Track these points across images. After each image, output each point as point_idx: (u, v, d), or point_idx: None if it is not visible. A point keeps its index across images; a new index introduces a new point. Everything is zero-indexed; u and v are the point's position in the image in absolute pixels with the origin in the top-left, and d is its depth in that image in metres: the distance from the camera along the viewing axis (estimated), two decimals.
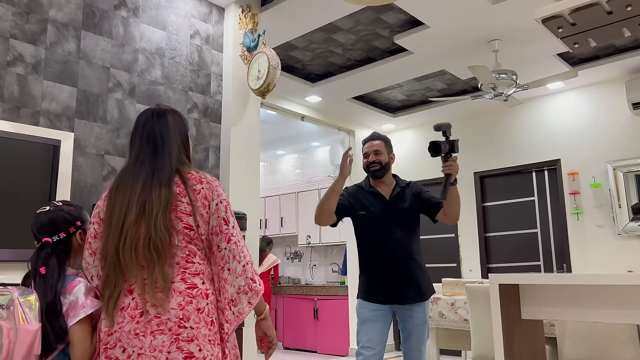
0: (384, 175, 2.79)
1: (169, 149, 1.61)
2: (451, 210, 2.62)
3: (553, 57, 4.94)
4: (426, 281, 2.71)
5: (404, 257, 2.65)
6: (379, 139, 2.83)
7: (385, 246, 2.66)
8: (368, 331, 2.60)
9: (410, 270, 2.65)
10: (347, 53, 5.04)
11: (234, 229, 1.55)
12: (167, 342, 1.41)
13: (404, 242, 2.67)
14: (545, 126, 5.91)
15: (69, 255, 1.70)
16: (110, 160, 3.25)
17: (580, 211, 5.51)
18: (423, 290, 2.67)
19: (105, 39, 3.33)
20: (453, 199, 2.59)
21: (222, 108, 3.93)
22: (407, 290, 2.63)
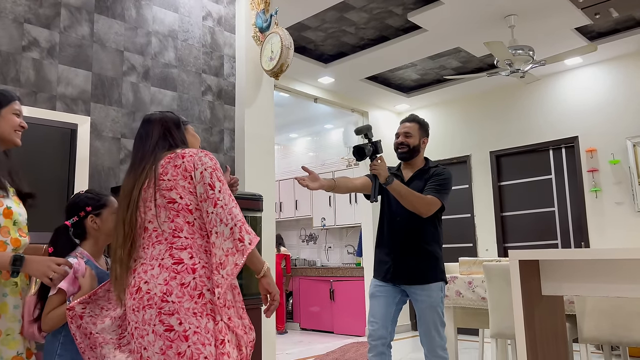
0: (412, 159, 2.78)
1: (151, 141, 1.73)
2: (407, 206, 2.58)
3: (571, 31, 4.83)
4: (431, 265, 2.66)
5: (404, 238, 2.66)
6: (414, 121, 2.80)
7: (391, 226, 2.72)
8: (372, 306, 2.70)
9: (411, 252, 2.65)
10: (360, 32, 4.98)
11: (221, 193, 1.59)
12: (154, 316, 1.50)
13: (410, 224, 2.66)
14: (562, 103, 5.81)
15: (85, 238, 1.86)
16: (126, 143, 3.27)
17: (599, 189, 5.43)
18: (424, 273, 2.64)
19: (118, 22, 3.32)
20: (400, 196, 2.56)
21: (235, 90, 3.92)
22: (403, 271, 2.65)
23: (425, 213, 2.60)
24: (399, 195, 2.56)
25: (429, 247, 2.67)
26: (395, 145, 2.80)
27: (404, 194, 2.56)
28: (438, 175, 2.71)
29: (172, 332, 1.48)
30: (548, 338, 2.47)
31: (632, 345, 3.11)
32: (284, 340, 6.30)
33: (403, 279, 2.66)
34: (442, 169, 2.76)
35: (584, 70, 5.68)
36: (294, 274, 7.33)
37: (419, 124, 2.79)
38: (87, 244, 1.86)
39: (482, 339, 4.35)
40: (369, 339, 2.67)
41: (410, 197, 2.56)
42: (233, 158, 3.82)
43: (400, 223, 2.68)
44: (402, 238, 2.67)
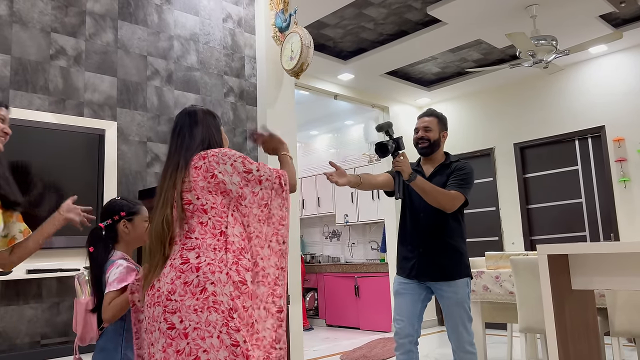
0: (432, 153, 2.75)
1: (192, 140, 1.76)
2: (431, 202, 2.55)
3: (595, 19, 4.73)
4: (456, 260, 2.63)
5: (428, 235, 2.63)
6: (433, 115, 2.78)
7: (414, 222, 2.69)
8: (398, 304, 2.68)
9: (435, 248, 2.62)
10: (379, 28, 4.96)
11: (259, 171, 1.68)
12: (160, 313, 1.56)
13: (432, 220, 2.63)
14: (587, 92, 5.70)
15: (117, 241, 1.97)
16: (152, 147, 3.33)
17: (628, 178, 5.32)
18: (449, 270, 2.61)
19: (141, 28, 3.38)
20: (424, 192, 2.53)
21: (257, 91, 3.95)
22: (427, 268, 2.62)
23: (450, 209, 2.57)
24: (423, 191, 2.53)
25: (454, 242, 2.64)
26: (415, 141, 2.78)
27: (427, 190, 2.53)
28: (460, 170, 2.68)
29: (173, 330, 1.52)
30: (579, 332, 2.44)
31: None
32: (310, 336, 6.34)
33: (428, 276, 2.63)
34: (464, 164, 2.72)
35: (609, 58, 5.56)
36: (318, 270, 7.36)
37: (437, 117, 2.77)
38: (119, 246, 1.96)
39: (511, 333, 4.31)
40: (396, 337, 2.65)
41: (434, 193, 2.53)
42: (256, 158, 3.85)
43: (423, 219, 2.66)
44: (426, 234, 2.64)
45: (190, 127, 1.78)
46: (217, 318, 1.51)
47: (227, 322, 1.50)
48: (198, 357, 1.49)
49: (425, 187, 2.53)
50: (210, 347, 1.49)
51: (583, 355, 2.45)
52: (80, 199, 2.87)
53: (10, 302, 2.68)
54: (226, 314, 1.51)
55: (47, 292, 2.80)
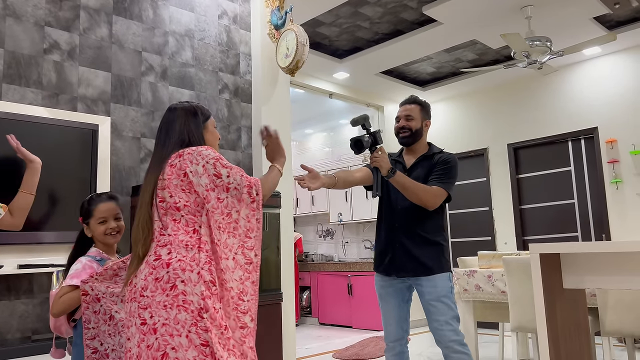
0: (414, 143, 2.61)
1: (169, 138, 1.76)
2: (412, 198, 2.42)
3: (589, 20, 4.76)
4: (435, 255, 2.48)
5: (406, 228, 2.50)
6: (415, 102, 2.61)
7: (391, 216, 2.56)
8: (383, 310, 2.58)
9: (413, 243, 2.48)
10: (375, 27, 4.96)
11: (229, 178, 1.65)
12: (135, 309, 1.57)
13: (410, 214, 2.50)
14: (581, 93, 5.74)
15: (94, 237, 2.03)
16: (146, 142, 3.31)
17: (620, 180, 5.36)
18: (428, 264, 2.46)
19: (135, 23, 3.36)
20: (404, 188, 2.40)
21: (252, 88, 3.94)
22: (404, 262, 2.48)
23: (432, 206, 2.45)
24: (403, 187, 2.40)
25: (432, 237, 2.51)
26: (396, 130, 2.63)
27: (407, 187, 2.39)
28: (444, 163, 2.53)
29: (145, 326, 1.53)
30: (570, 331, 2.46)
31: None
32: (303, 335, 6.34)
33: (405, 271, 2.49)
34: (448, 156, 2.57)
35: (603, 59, 5.59)
36: (312, 269, 7.36)
37: (420, 105, 2.61)
38: (97, 244, 2.03)
39: (502, 332, 4.33)
40: (386, 340, 2.59)
41: (415, 189, 2.40)
42: (251, 155, 3.85)
43: (400, 213, 2.52)
44: (404, 229, 2.51)
45: (168, 125, 1.78)
46: (186, 317, 1.50)
47: (196, 322, 1.49)
48: (167, 354, 1.49)
49: (405, 183, 2.39)
50: (179, 345, 1.49)
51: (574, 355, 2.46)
52: (73, 195, 2.85)
53: (2, 298, 2.67)
54: (195, 314, 1.50)
55: (38, 287, 2.79)
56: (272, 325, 3.14)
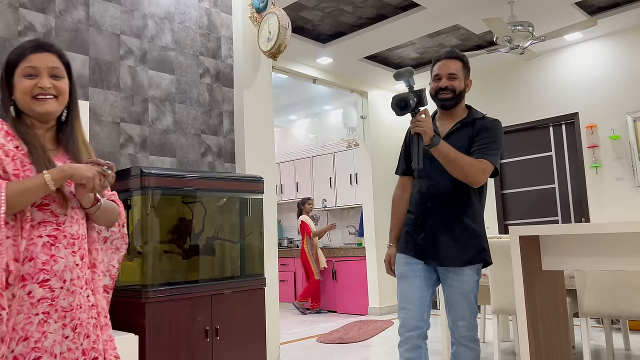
0: (455, 106, 2.25)
1: None
2: (456, 173, 2.09)
3: (571, 6, 4.78)
4: (469, 246, 2.17)
5: (441, 211, 2.17)
6: (457, 58, 2.23)
7: (423, 193, 2.22)
8: (403, 289, 2.23)
9: (444, 228, 2.17)
10: (358, 11, 4.93)
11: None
12: None
13: (445, 191, 2.17)
14: (562, 79, 5.78)
15: None
16: (126, 127, 3.27)
17: (599, 164, 5.44)
18: (459, 256, 2.15)
19: (113, 5, 3.29)
20: (448, 160, 2.06)
21: (233, 72, 3.90)
22: (432, 249, 2.17)
23: (477, 182, 2.09)
24: (447, 159, 2.04)
25: (472, 223, 2.19)
26: (434, 90, 2.24)
27: (452, 159, 2.03)
28: (488, 131, 2.16)
29: None
30: (548, 313, 2.50)
31: (632, 319, 3.15)
32: (287, 320, 6.37)
33: (435, 259, 2.17)
34: (492, 122, 2.20)
35: (584, 45, 5.64)
36: (296, 255, 7.38)
37: (463, 62, 2.24)
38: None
39: (484, 315, 4.40)
40: (401, 330, 2.20)
41: (461, 162, 2.04)
42: (233, 140, 3.82)
43: (435, 189, 2.18)
44: (439, 211, 2.17)
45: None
46: None
47: None
48: None
49: (450, 154, 2.03)
50: None
51: (552, 335, 2.51)
52: None
53: None
54: None
55: None
56: (255, 310, 3.14)
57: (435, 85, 2.23)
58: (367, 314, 6.43)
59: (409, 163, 2.33)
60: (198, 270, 3.04)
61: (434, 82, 2.24)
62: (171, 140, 3.47)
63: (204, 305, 2.89)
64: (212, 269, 3.11)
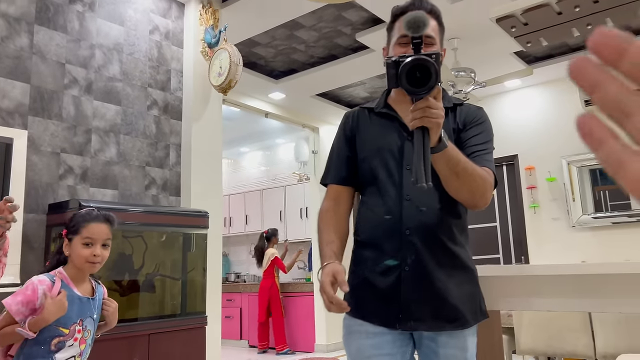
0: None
1: None
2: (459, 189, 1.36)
3: (510, 55, 5.07)
4: (468, 292, 1.43)
5: (424, 243, 1.39)
6: (434, 14, 1.45)
7: (394, 217, 1.41)
8: None
9: (431, 269, 1.39)
10: (310, 50, 5.05)
11: None
12: None
13: (435, 216, 1.41)
14: (503, 122, 6.07)
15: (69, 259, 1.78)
16: (66, 158, 3.17)
17: (537, 205, 5.69)
18: (459, 309, 1.39)
19: (60, 34, 3.24)
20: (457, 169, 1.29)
21: (182, 105, 3.88)
22: (417, 305, 1.37)
23: (485, 203, 1.40)
24: (455, 169, 1.29)
25: (468, 258, 1.48)
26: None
27: (463, 168, 1.29)
28: (481, 124, 1.50)
29: None
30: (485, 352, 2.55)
31: (566, 357, 3.26)
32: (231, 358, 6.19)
33: (425, 321, 1.37)
34: (481, 111, 1.54)
35: (523, 92, 5.97)
36: (243, 290, 7.24)
37: (439, 20, 1.48)
38: (69, 266, 1.76)
39: None
40: None
41: (473, 173, 1.32)
42: (179, 173, 3.77)
43: (420, 212, 1.40)
44: (425, 243, 1.39)
45: None
46: None
47: None
48: None
49: (461, 162, 1.29)
50: None
51: None
52: None
53: None
54: None
55: None
56: (195, 349, 3.05)
57: (400, 50, 1.41)
58: (313, 351, 6.35)
59: (351, 167, 1.55)
60: (137, 308, 2.93)
61: (396, 47, 1.44)
62: (114, 172, 3.39)
63: (141, 344, 2.78)
64: (152, 307, 3.01)
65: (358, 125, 1.59)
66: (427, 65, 1.13)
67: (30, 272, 2.83)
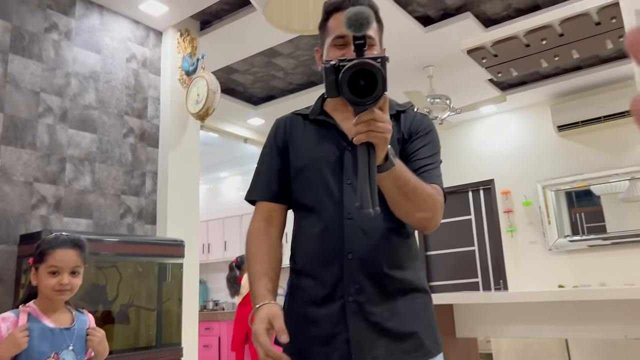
0: None
1: None
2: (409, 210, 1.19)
3: (484, 82, 5.19)
4: (423, 318, 1.25)
5: (370, 260, 1.22)
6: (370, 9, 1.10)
7: (331, 236, 1.24)
8: None
9: (379, 294, 1.21)
10: (289, 77, 5.09)
11: None
12: None
13: (376, 229, 1.23)
14: (479, 148, 6.17)
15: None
16: (39, 188, 3.12)
17: (514, 228, 5.76)
18: (420, 336, 1.22)
19: (34, 63, 3.22)
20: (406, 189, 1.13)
21: (159, 132, 3.86)
22: (376, 339, 1.19)
23: (435, 225, 1.25)
24: (403, 188, 1.13)
25: (418, 280, 1.28)
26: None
27: (412, 188, 1.14)
28: (427, 134, 1.33)
29: None
30: None
31: None
32: None
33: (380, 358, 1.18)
34: (426, 119, 1.37)
35: (498, 117, 6.09)
36: (222, 318, 7.12)
37: (377, 16, 1.30)
38: (39, 297, 1.70)
39: None
40: None
41: (422, 193, 1.17)
42: (155, 201, 3.73)
43: (357, 230, 1.23)
44: (368, 265, 1.22)
45: None
46: None
47: None
48: None
49: (410, 182, 1.14)
50: None
51: None
52: None
53: None
54: None
55: None
56: None
57: (337, 53, 1.27)
58: None
59: (283, 181, 1.37)
60: (111, 340, 2.86)
61: (332, 49, 1.29)
62: (88, 201, 3.34)
63: None
64: (126, 339, 2.94)
65: (291, 134, 1.39)
66: (373, 71, 0.96)
67: (0, 305, 2.74)
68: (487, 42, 2.28)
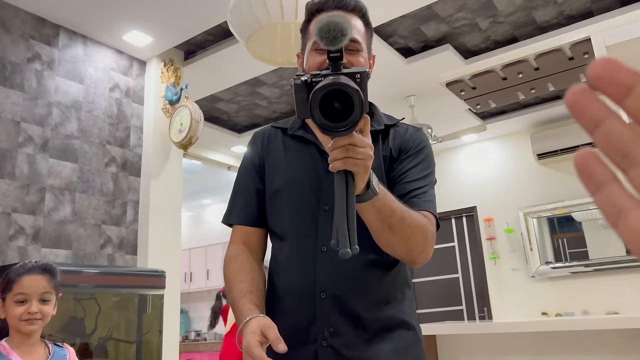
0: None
1: None
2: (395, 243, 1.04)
3: (465, 111, 5.28)
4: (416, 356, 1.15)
5: (346, 298, 1.10)
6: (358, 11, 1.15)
7: (304, 270, 1.13)
8: None
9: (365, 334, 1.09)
10: (273, 106, 5.13)
11: None
12: None
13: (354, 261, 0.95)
14: (461, 175, 6.25)
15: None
16: (18, 218, 3.07)
17: (497, 255, 5.79)
18: None
19: (16, 92, 3.20)
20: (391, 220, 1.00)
21: (142, 161, 3.85)
22: None
23: (425, 258, 1.10)
24: (389, 220, 0.99)
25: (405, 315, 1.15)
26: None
27: (399, 219, 1.01)
28: (420, 152, 1.21)
29: None
30: None
31: None
32: None
33: None
34: (419, 134, 1.26)
35: (479, 145, 6.18)
36: (204, 349, 6.98)
37: (365, 19, 1.18)
38: (11, 331, 1.61)
39: None
40: None
41: (410, 225, 1.03)
42: (136, 231, 3.69)
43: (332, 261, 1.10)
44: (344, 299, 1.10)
45: None
46: None
47: None
48: None
49: (396, 212, 1.00)
50: None
51: None
52: None
53: None
54: None
55: None
56: None
57: (318, 59, 1.13)
58: None
59: (263, 204, 1.24)
60: None
61: (312, 55, 1.15)
62: (68, 232, 3.29)
63: None
64: None
65: (268, 150, 1.25)
66: (348, 92, 0.80)
67: None
68: (465, 75, 2.34)
